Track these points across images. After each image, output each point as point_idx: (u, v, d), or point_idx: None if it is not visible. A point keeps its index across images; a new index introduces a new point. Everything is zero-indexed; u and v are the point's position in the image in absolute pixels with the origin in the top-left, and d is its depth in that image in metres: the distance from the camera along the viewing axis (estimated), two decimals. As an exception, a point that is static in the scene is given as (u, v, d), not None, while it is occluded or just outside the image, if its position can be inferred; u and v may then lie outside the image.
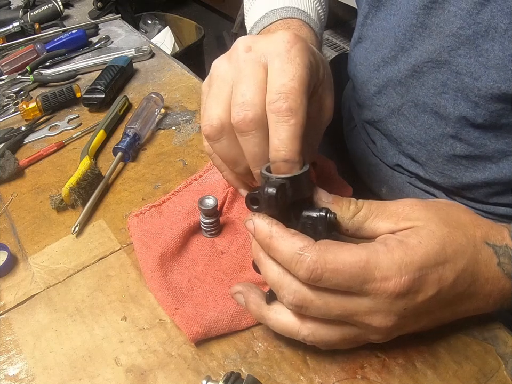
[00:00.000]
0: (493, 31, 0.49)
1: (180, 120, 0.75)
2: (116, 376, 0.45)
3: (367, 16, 0.62)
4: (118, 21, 1.05)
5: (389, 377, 0.43)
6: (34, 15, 1.01)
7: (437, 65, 0.55)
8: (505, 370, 0.43)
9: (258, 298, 0.42)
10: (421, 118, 0.59)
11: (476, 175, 0.59)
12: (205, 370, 0.45)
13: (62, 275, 0.53)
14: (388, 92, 0.62)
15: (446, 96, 0.55)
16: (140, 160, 0.68)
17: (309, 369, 0.44)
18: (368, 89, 0.65)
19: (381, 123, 0.66)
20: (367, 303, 0.37)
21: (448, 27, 0.52)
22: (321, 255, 0.36)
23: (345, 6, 1.83)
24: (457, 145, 0.57)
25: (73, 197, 0.60)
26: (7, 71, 0.87)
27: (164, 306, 0.48)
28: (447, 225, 0.39)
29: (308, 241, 0.37)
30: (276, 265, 0.39)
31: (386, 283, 0.36)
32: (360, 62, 0.66)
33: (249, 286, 0.44)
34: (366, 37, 0.64)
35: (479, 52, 0.51)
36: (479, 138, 0.55)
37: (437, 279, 0.37)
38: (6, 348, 0.48)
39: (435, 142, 0.59)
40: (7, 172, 0.65)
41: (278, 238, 0.37)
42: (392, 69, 0.60)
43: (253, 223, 0.39)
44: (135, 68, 0.88)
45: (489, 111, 0.52)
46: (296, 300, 0.38)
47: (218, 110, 0.41)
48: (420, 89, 0.58)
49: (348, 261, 0.36)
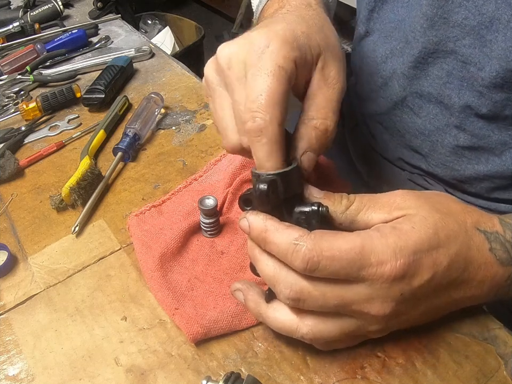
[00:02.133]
0: (497, 22, 0.50)
1: (180, 120, 0.75)
2: (116, 376, 0.45)
3: (373, 10, 0.63)
4: (118, 21, 1.05)
5: (389, 377, 0.43)
6: (34, 15, 1.01)
7: (442, 55, 0.56)
8: (505, 370, 0.43)
9: (257, 296, 0.42)
10: (426, 109, 0.60)
11: (478, 168, 0.59)
12: (205, 370, 0.45)
13: (62, 275, 0.53)
14: (393, 83, 0.62)
15: (451, 85, 0.56)
16: (140, 160, 0.68)
17: (309, 369, 0.44)
18: (374, 81, 0.66)
19: (385, 116, 0.66)
20: (364, 290, 0.37)
21: (453, 18, 0.53)
22: (316, 243, 0.36)
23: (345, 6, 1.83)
24: (461, 136, 0.58)
25: (73, 197, 0.60)
26: (7, 71, 0.87)
27: (164, 306, 0.48)
28: (438, 211, 0.40)
29: (303, 231, 0.37)
30: (271, 260, 0.39)
31: (382, 267, 0.36)
32: (368, 55, 0.66)
33: (248, 284, 0.44)
34: (374, 30, 0.64)
35: (483, 43, 0.51)
36: (483, 129, 0.56)
37: (431, 263, 0.38)
38: (6, 348, 0.48)
39: (439, 132, 0.60)
40: (7, 172, 0.65)
41: (273, 231, 0.38)
42: (398, 61, 0.61)
43: (247, 220, 0.39)
44: (135, 68, 0.88)
45: (493, 101, 0.53)
46: (293, 293, 0.38)
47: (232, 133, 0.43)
48: (424, 80, 0.58)
49: (344, 248, 0.36)
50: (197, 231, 0.56)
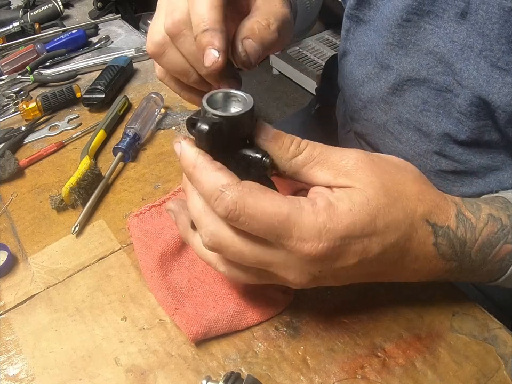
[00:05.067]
0: (468, 50, 0.48)
1: (180, 120, 0.75)
2: (116, 376, 0.45)
3: (349, 30, 0.61)
4: (118, 21, 1.05)
5: (389, 377, 0.43)
6: (34, 15, 1.01)
7: (416, 83, 0.54)
8: (505, 370, 0.43)
9: (186, 220, 0.42)
10: (406, 135, 0.59)
11: (463, 190, 0.58)
12: (205, 370, 0.45)
13: (62, 275, 0.53)
14: (373, 107, 0.61)
15: (428, 113, 0.55)
16: (140, 160, 0.68)
17: (309, 369, 0.44)
18: (355, 103, 0.65)
19: (369, 137, 0.66)
20: (282, 256, 0.36)
21: (424, 45, 0.52)
22: (241, 196, 0.34)
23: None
24: (442, 161, 0.57)
25: (73, 197, 0.60)
26: (7, 71, 0.87)
27: (164, 306, 0.48)
28: (387, 195, 0.37)
29: (232, 179, 0.35)
30: (200, 201, 0.38)
31: (302, 244, 0.35)
32: (346, 75, 0.65)
33: (181, 206, 0.44)
34: (350, 51, 0.63)
35: (454, 71, 0.50)
36: (463, 154, 0.55)
37: (359, 250, 0.36)
38: (6, 348, 0.48)
39: (421, 157, 0.59)
40: (7, 172, 0.65)
41: (201, 169, 0.36)
42: (375, 86, 0.59)
43: (180, 147, 0.37)
44: (135, 67, 0.88)
45: (470, 128, 0.52)
46: (211, 243, 0.37)
47: (158, 26, 0.42)
48: (402, 107, 0.57)
49: (267, 211, 0.34)
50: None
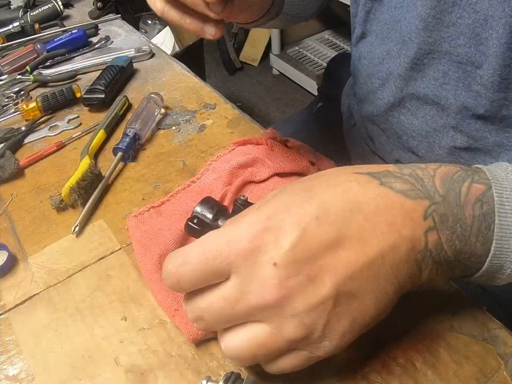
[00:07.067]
0: (491, 20, 0.50)
1: (180, 120, 0.75)
2: (116, 376, 0.45)
3: (370, 11, 0.63)
4: (118, 21, 1.05)
5: (389, 377, 0.43)
6: (34, 15, 1.00)
7: (437, 56, 0.55)
8: (505, 370, 0.43)
9: None
10: (423, 110, 0.60)
11: None
12: (205, 370, 0.45)
13: (62, 275, 0.53)
14: (390, 85, 0.62)
15: (447, 86, 0.56)
16: (140, 160, 0.68)
17: (309, 369, 0.44)
18: (372, 83, 0.66)
19: (382, 117, 0.66)
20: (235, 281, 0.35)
21: (447, 17, 0.53)
22: (171, 260, 0.36)
23: (345, 6, 1.83)
24: (458, 137, 0.58)
25: (73, 197, 0.60)
26: (7, 71, 0.87)
27: (164, 307, 0.48)
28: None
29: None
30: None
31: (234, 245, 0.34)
32: (364, 56, 0.66)
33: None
34: (371, 32, 0.64)
35: (479, 41, 0.51)
36: (480, 130, 0.56)
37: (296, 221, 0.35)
38: (6, 348, 0.48)
39: (436, 133, 0.60)
40: (7, 172, 0.65)
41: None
42: (395, 62, 0.60)
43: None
44: (135, 67, 0.88)
45: (490, 100, 0.53)
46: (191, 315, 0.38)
47: None
48: (421, 81, 0.58)
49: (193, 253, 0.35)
50: (196, 231, 0.55)
